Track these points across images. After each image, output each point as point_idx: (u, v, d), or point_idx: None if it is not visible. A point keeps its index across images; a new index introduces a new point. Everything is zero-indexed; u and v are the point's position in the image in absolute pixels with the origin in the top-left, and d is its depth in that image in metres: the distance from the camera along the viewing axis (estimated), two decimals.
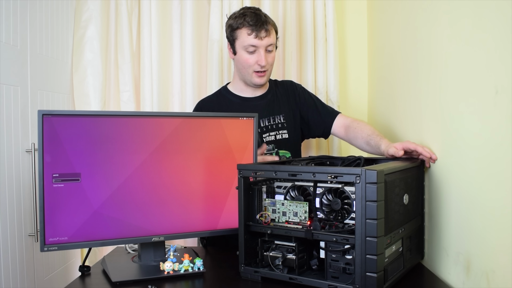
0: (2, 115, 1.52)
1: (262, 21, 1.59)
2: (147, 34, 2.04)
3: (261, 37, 1.58)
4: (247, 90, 1.72)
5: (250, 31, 1.58)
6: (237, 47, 1.64)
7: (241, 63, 1.64)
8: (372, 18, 2.08)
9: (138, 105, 2.08)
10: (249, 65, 1.62)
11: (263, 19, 1.60)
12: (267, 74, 1.66)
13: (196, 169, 1.33)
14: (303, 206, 1.13)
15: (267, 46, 1.60)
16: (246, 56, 1.61)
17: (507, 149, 0.89)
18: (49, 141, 1.16)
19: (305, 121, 1.76)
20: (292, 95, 1.77)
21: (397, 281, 1.11)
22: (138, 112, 1.86)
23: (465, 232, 1.09)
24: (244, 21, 1.59)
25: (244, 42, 1.60)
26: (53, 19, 1.89)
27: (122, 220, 1.25)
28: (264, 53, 1.60)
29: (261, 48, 1.59)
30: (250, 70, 1.63)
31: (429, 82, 1.31)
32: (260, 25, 1.58)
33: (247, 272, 1.18)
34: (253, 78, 1.64)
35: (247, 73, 1.64)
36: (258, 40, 1.58)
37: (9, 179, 1.56)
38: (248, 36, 1.58)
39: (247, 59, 1.61)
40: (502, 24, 0.91)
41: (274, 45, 1.64)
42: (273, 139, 1.70)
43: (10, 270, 1.54)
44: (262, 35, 1.58)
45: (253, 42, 1.58)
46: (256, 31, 1.57)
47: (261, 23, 1.58)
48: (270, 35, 1.60)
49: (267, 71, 1.65)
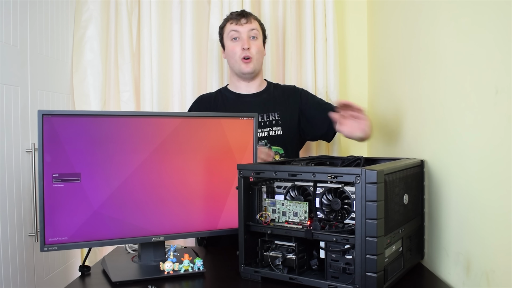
0: (2, 115, 1.52)
1: (243, 13, 1.76)
2: (147, 34, 2.04)
3: (242, 24, 1.72)
4: (242, 86, 1.78)
5: (232, 21, 1.75)
6: (224, 41, 1.78)
7: (229, 53, 1.76)
8: (372, 18, 2.08)
9: (138, 105, 2.08)
10: (234, 52, 1.72)
11: (244, 12, 1.77)
12: (254, 61, 1.73)
13: (196, 169, 1.33)
14: (303, 206, 1.13)
15: (249, 31, 1.73)
16: (232, 44, 1.74)
17: (507, 149, 0.89)
18: (49, 141, 1.16)
19: (308, 120, 1.77)
20: (292, 96, 1.80)
21: (397, 281, 1.11)
22: (138, 112, 1.86)
23: (465, 232, 1.09)
24: (227, 17, 1.78)
25: (228, 31, 1.75)
26: (53, 19, 1.89)
27: (122, 220, 1.25)
28: (247, 39, 1.72)
29: (243, 33, 1.72)
30: (237, 57, 1.72)
31: (429, 82, 1.31)
32: (241, 15, 1.74)
33: (247, 272, 1.18)
34: (241, 66, 1.73)
35: (235, 62, 1.74)
36: (238, 26, 1.73)
37: (9, 179, 1.56)
38: (230, 25, 1.75)
39: (232, 47, 1.73)
40: (502, 24, 0.91)
41: (258, 32, 1.75)
42: (266, 135, 1.74)
43: (10, 270, 1.54)
44: (243, 22, 1.73)
45: (234, 28, 1.73)
46: (236, 19, 1.74)
47: (242, 14, 1.75)
48: (251, 23, 1.74)
49: (253, 58, 1.73)
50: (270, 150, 1.68)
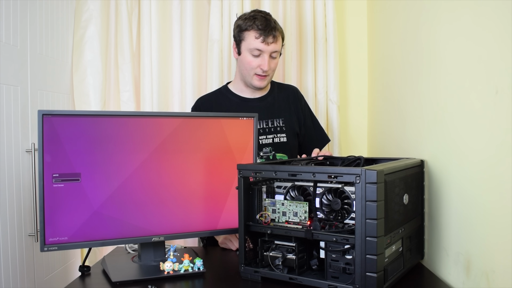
0: (2, 115, 1.52)
1: (271, 27, 1.60)
2: (147, 34, 2.04)
3: (268, 43, 1.60)
4: (247, 91, 1.74)
5: (258, 35, 1.59)
6: (242, 48, 1.65)
7: (244, 64, 1.65)
8: (372, 19, 2.08)
9: (138, 105, 2.08)
10: (252, 68, 1.63)
11: (272, 25, 1.61)
12: (268, 78, 1.68)
13: (196, 169, 1.33)
14: (303, 206, 1.13)
15: (272, 52, 1.62)
16: (250, 59, 1.63)
17: (507, 149, 0.89)
18: (49, 141, 1.16)
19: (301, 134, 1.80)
20: (294, 103, 1.79)
21: (397, 281, 1.11)
22: (138, 112, 1.86)
23: (465, 232, 1.09)
24: (253, 24, 1.61)
25: (250, 44, 1.61)
26: (53, 19, 1.89)
27: (122, 220, 1.25)
28: (268, 59, 1.62)
29: (266, 53, 1.61)
30: (252, 73, 1.64)
31: (429, 82, 1.31)
32: (269, 31, 1.59)
33: (247, 272, 1.18)
34: (253, 81, 1.66)
35: (248, 75, 1.66)
36: (264, 45, 1.60)
37: (9, 179, 1.56)
38: (256, 39, 1.60)
39: (250, 61, 1.63)
40: (502, 24, 0.91)
41: (278, 52, 1.66)
42: (270, 141, 1.71)
43: (10, 270, 1.53)
44: (269, 41, 1.60)
45: (259, 46, 1.60)
46: (264, 35, 1.59)
47: (270, 28, 1.60)
48: (276, 42, 1.62)
49: (268, 76, 1.67)
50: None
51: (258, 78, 1.65)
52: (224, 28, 2.05)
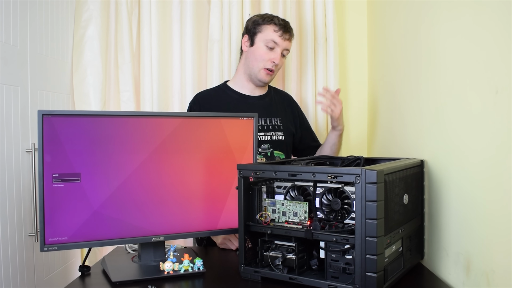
0: (2, 115, 1.52)
1: (288, 27, 1.73)
2: (147, 34, 2.04)
3: (285, 38, 1.70)
4: (247, 88, 1.77)
5: (277, 29, 1.69)
6: (257, 40, 1.71)
7: (255, 55, 1.71)
8: (372, 18, 2.08)
9: (138, 105, 2.08)
10: (263, 60, 1.69)
11: (289, 25, 1.74)
12: (273, 75, 1.74)
13: (196, 169, 1.33)
14: (303, 206, 1.13)
15: (284, 49, 1.71)
16: (263, 51, 1.69)
17: (507, 149, 0.89)
18: (49, 141, 1.16)
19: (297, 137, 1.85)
20: (289, 108, 1.86)
21: (397, 281, 1.11)
22: (138, 112, 1.86)
23: (465, 232, 1.09)
24: (273, 21, 1.71)
25: (268, 36, 1.69)
26: (53, 19, 1.89)
27: (122, 220, 1.25)
28: (281, 56, 1.70)
29: (279, 47, 1.69)
30: (261, 65, 1.70)
31: (429, 81, 1.31)
32: (287, 29, 1.71)
33: (247, 272, 1.18)
34: (260, 74, 1.71)
35: (256, 67, 1.71)
36: (281, 39, 1.69)
37: (9, 179, 1.56)
38: (274, 32, 1.69)
39: (264, 53, 1.69)
40: (502, 24, 0.91)
41: (288, 51, 1.75)
42: (268, 139, 1.74)
43: (10, 270, 1.54)
44: (286, 37, 1.70)
45: (276, 39, 1.68)
46: (282, 30, 1.69)
47: (288, 28, 1.73)
48: (290, 41, 1.74)
49: (274, 72, 1.73)
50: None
51: (266, 72, 1.71)
52: (224, 28, 2.05)
